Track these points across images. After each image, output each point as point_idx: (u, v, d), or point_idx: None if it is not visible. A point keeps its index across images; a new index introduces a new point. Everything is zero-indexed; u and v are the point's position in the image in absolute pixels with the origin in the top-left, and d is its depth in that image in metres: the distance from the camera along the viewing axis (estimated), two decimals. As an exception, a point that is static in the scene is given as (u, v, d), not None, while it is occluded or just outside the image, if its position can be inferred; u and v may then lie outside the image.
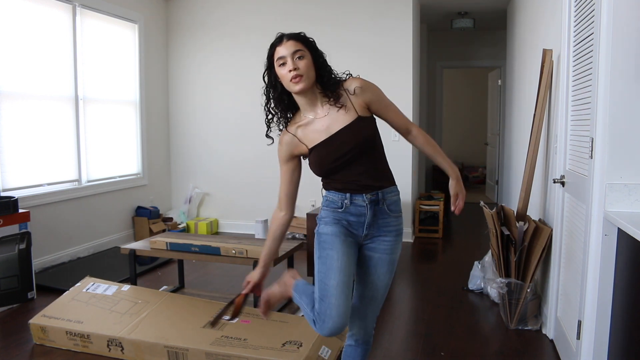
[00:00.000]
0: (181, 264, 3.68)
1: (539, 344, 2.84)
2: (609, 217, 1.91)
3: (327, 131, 1.75)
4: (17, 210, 3.42)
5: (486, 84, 8.63)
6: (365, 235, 1.80)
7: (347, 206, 1.78)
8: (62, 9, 4.39)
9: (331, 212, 1.81)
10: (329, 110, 1.77)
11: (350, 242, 1.78)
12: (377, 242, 1.81)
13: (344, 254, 1.73)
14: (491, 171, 7.99)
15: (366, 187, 1.77)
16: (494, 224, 3.08)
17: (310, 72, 1.71)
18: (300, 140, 1.79)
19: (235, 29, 5.61)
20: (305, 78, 1.70)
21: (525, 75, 4.33)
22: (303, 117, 1.81)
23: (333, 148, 1.74)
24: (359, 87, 1.77)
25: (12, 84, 3.97)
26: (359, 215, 1.78)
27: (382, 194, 1.78)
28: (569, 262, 2.57)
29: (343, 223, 1.79)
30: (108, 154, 5.02)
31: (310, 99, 1.77)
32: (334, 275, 1.69)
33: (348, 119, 1.74)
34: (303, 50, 1.72)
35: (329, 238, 1.76)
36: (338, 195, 1.80)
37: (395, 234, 1.82)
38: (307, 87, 1.71)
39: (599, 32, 1.98)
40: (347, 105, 1.76)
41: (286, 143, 1.82)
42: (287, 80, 1.70)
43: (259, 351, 2.41)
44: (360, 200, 1.77)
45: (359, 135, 1.73)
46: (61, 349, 2.72)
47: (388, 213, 1.80)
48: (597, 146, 2.00)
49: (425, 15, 6.28)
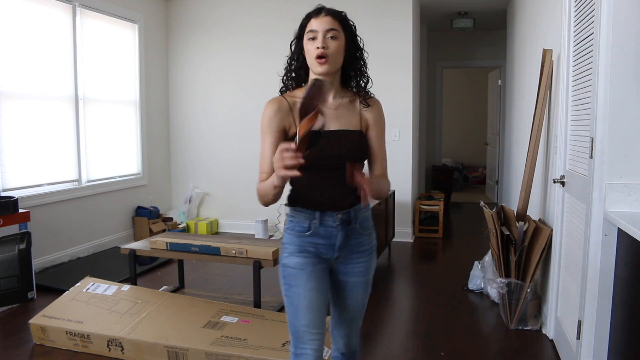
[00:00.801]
0: (181, 264, 3.68)
1: (539, 344, 2.84)
2: (609, 217, 1.91)
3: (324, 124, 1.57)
4: (17, 210, 3.42)
5: (486, 84, 8.63)
6: (337, 257, 1.64)
7: (316, 228, 1.59)
8: (62, 9, 4.39)
9: (296, 238, 1.61)
10: (340, 105, 1.63)
11: (320, 270, 1.61)
12: (350, 265, 1.66)
13: (312, 289, 1.57)
14: (491, 171, 7.99)
15: (338, 205, 1.58)
16: (494, 224, 3.08)
17: (338, 57, 1.56)
18: (293, 116, 1.59)
19: (236, 28, 5.61)
20: (331, 61, 1.54)
21: (525, 75, 4.33)
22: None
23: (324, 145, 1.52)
24: (377, 106, 1.67)
25: (12, 84, 3.97)
26: (328, 238, 1.60)
27: (355, 213, 1.62)
28: (569, 262, 2.57)
29: (310, 250, 1.60)
30: (108, 154, 5.02)
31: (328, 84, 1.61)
32: (303, 315, 1.55)
33: (353, 126, 1.62)
34: (338, 30, 1.56)
35: (294, 272, 1.59)
36: (305, 214, 1.60)
37: (368, 253, 1.68)
38: (330, 71, 1.56)
39: (599, 32, 1.98)
40: (356, 114, 1.64)
41: (280, 109, 1.59)
42: (312, 57, 1.54)
43: (259, 351, 2.41)
44: (330, 220, 1.59)
45: (357, 147, 1.61)
46: (61, 349, 2.72)
47: (360, 232, 1.65)
48: (597, 146, 2.00)
49: (425, 15, 6.28)
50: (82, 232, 4.64)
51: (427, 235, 5.55)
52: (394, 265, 4.58)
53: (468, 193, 8.54)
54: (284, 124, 1.60)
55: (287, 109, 1.60)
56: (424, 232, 5.58)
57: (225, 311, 2.78)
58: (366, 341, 2.86)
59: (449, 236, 5.68)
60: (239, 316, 2.73)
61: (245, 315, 2.74)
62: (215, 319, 2.70)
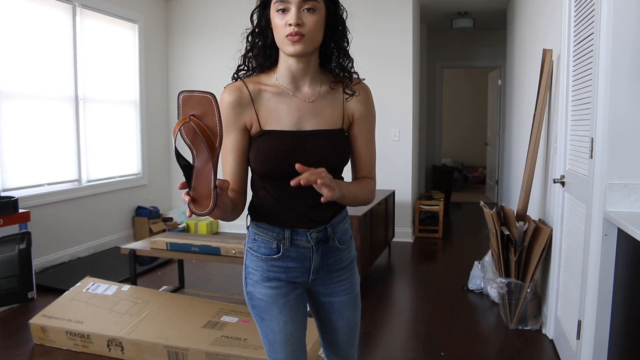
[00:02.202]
0: (181, 264, 3.68)
1: (539, 344, 2.84)
2: (608, 217, 1.91)
3: (298, 121, 1.28)
4: (17, 210, 3.42)
5: (486, 84, 8.63)
6: (313, 280, 1.38)
7: (286, 249, 1.31)
8: (62, 9, 4.39)
9: (262, 262, 1.33)
10: (318, 96, 1.31)
11: (293, 298, 1.36)
12: (331, 285, 1.40)
13: (288, 322, 1.34)
14: (491, 171, 7.99)
15: (313, 221, 1.32)
16: (494, 224, 3.08)
17: (317, 34, 1.24)
18: (256, 110, 1.28)
19: (236, 29, 5.52)
20: (307, 40, 1.21)
21: (525, 75, 4.33)
22: (275, 81, 1.30)
23: (296, 148, 1.26)
24: (365, 95, 1.36)
25: (12, 84, 3.97)
26: (302, 260, 1.33)
27: (332, 228, 1.35)
28: (568, 262, 2.57)
29: (280, 276, 1.33)
30: (108, 154, 5.02)
31: (302, 69, 1.29)
32: (281, 349, 1.35)
33: (331, 123, 1.31)
34: (318, 2, 1.22)
35: (264, 305, 1.34)
36: (272, 233, 1.32)
37: (350, 267, 1.43)
38: (305, 52, 1.23)
39: (599, 32, 1.98)
40: (338, 107, 1.33)
41: (237, 101, 1.27)
42: (282, 35, 1.22)
43: (259, 351, 2.40)
44: (303, 240, 1.31)
45: (338, 151, 1.31)
46: (61, 349, 2.72)
47: (339, 248, 1.38)
48: (597, 146, 2.00)
49: (425, 15, 6.28)
50: (82, 232, 4.64)
51: (427, 235, 5.55)
52: (394, 265, 4.58)
53: (468, 193, 8.54)
54: (243, 120, 1.28)
55: (248, 100, 1.28)
56: (424, 232, 5.58)
57: (225, 311, 2.78)
58: (366, 341, 2.86)
59: (449, 236, 5.68)
60: (239, 316, 2.73)
61: (245, 315, 2.74)
62: (215, 319, 2.70)
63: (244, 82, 1.31)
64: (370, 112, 1.37)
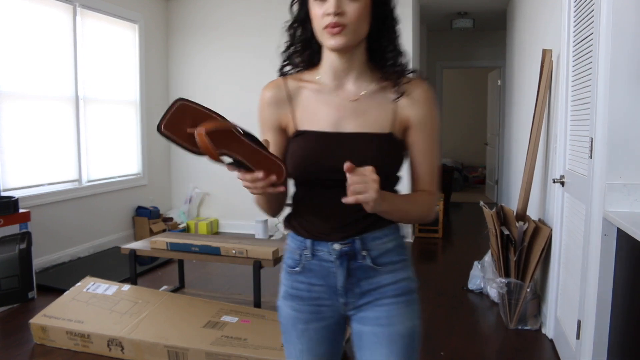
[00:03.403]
0: (181, 264, 3.68)
1: (539, 344, 2.84)
2: (608, 217, 1.91)
3: (336, 122, 1.13)
4: (17, 210, 3.42)
5: (486, 84, 8.64)
6: (345, 304, 1.18)
7: (307, 260, 1.17)
8: (62, 9, 4.39)
9: (288, 275, 1.22)
10: (363, 95, 1.14)
11: (317, 328, 1.20)
12: (364, 311, 1.18)
13: (304, 352, 1.20)
14: (491, 171, 8.00)
15: (338, 230, 1.14)
16: (493, 224, 3.08)
17: (360, 25, 1.07)
18: (293, 109, 1.17)
19: (236, 29, 5.61)
20: (349, 31, 1.06)
21: (525, 75, 4.33)
22: (316, 76, 1.17)
23: (330, 152, 1.11)
24: (422, 95, 1.14)
25: (12, 84, 3.97)
26: (325, 277, 1.17)
27: (363, 242, 1.14)
28: (568, 262, 2.57)
29: (303, 295, 1.19)
30: (108, 154, 5.03)
31: (345, 65, 1.13)
32: None
33: (377, 126, 1.12)
34: None
35: (284, 325, 1.23)
36: (296, 242, 1.19)
37: (394, 293, 1.18)
38: (347, 45, 1.08)
39: (599, 32, 1.98)
40: (387, 108, 1.14)
41: (273, 99, 1.18)
42: (320, 26, 1.08)
43: (259, 351, 2.41)
44: (325, 252, 1.15)
45: (380, 158, 1.10)
46: (61, 348, 2.73)
47: (375, 268, 1.17)
48: (596, 146, 2.00)
49: (425, 15, 6.28)
50: (82, 232, 4.64)
51: (427, 235, 5.55)
52: (394, 265, 4.57)
53: (468, 193, 8.54)
54: (279, 120, 1.18)
55: (285, 98, 1.17)
56: (423, 232, 5.58)
57: (225, 311, 2.78)
58: (366, 341, 2.86)
59: (448, 236, 5.69)
60: (239, 316, 2.73)
61: (245, 315, 2.74)
62: (216, 319, 2.70)
63: (285, 79, 1.19)
64: (430, 117, 1.16)
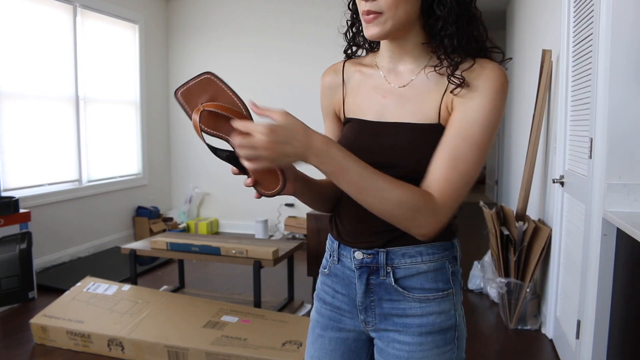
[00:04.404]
0: (181, 264, 3.69)
1: (539, 344, 2.85)
2: (608, 217, 1.91)
3: (380, 110, 1.00)
4: (17, 210, 3.42)
5: (486, 84, 8.62)
6: (365, 322, 1.05)
7: (334, 264, 1.08)
8: (62, 9, 4.39)
9: (320, 274, 1.15)
10: (414, 81, 0.99)
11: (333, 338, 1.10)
12: (387, 340, 1.03)
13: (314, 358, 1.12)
14: (491, 171, 8.00)
15: (364, 236, 1.02)
16: (493, 224, 3.09)
17: (399, 9, 0.90)
18: (344, 95, 1.07)
19: (236, 29, 5.61)
20: (385, 19, 0.92)
21: (525, 75, 4.34)
22: (376, 60, 1.06)
23: (368, 143, 0.99)
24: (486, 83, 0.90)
25: (12, 84, 3.97)
26: (347, 285, 1.06)
27: (387, 256, 0.99)
28: (568, 262, 2.57)
29: (327, 298, 1.10)
30: (108, 154, 5.03)
31: (398, 49, 0.99)
32: None
33: (421, 116, 0.96)
34: None
35: (311, 322, 1.15)
36: (329, 242, 1.12)
37: (420, 330, 0.99)
38: (383, 34, 0.94)
39: (599, 32, 1.98)
40: (436, 96, 0.96)
41: (328, 84, 1.10)
42: (359, 11, 0.96)
43: (259, 351, 2.41)
44: (347, 258, 1.04)
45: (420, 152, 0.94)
46: (62, 348, 2.73)
47: (401, 292, 0.99)
48: (596, 146, 2.00)
49: (425, 15, 6.27)
50: (82, 232, 4.65)
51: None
52: (394, 265, 4.57)
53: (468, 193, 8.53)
54: (333, 106, 1.10)
55: (339, 83, 1.07)
56: (423, 232, 5.57)
57: (226, 311, 2.79)
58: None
59: (448, 236, 5.67)
60: (239, 316, 2.73)
61: (246, 315, 2.75)
62: (216, 319, 2.70)
63: (346, 63, 1.10)
64: (480, 110, 0.90)
